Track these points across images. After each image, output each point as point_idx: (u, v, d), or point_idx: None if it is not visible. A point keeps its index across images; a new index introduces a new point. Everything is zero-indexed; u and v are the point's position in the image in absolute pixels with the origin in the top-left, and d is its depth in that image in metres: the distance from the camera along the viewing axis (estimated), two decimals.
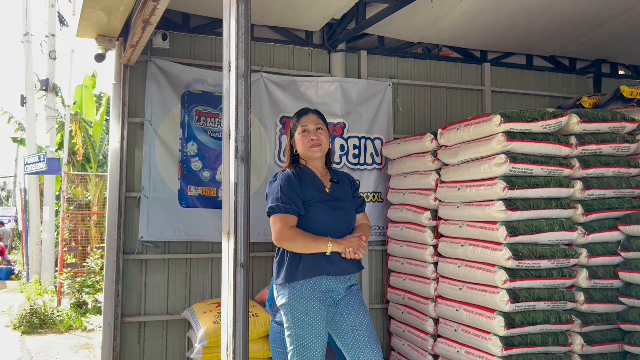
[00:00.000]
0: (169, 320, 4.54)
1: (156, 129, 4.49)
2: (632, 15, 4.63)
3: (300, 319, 2.71)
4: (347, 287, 2.85)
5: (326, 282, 2.77)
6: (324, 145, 2.92)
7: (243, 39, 1.95)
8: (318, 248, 2.72)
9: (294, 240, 2.73)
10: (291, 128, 3.00)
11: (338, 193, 2.92)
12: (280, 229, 2.73)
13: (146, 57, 4.48)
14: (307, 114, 2.98)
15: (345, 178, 3.06)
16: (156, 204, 4.44)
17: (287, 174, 2.85)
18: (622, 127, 3.81)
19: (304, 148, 2.91)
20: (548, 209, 3.58)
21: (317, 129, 2.92)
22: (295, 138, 2.96)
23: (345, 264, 2.81)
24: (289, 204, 2.75)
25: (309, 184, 2.86)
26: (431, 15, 4.65)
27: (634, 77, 6.20)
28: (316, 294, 2.73)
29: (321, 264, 2.74)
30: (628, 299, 3.59)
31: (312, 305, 2.71)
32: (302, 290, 2.73)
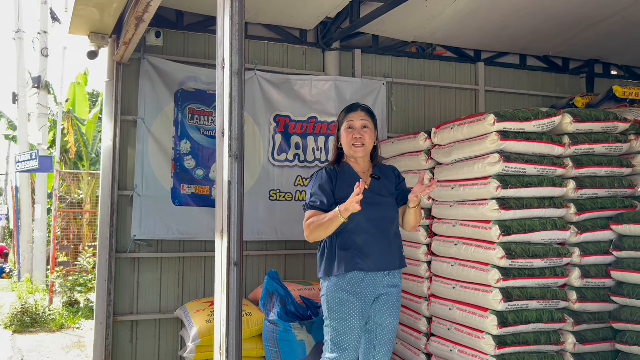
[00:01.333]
0: (162, 319, 4.53)
1: (149, 127, 4.47)
2: (624, 16, 4.65)
3: (335, 311, 2.71)
4: (389, 285, 2.82)
5: (363, 277, 2.75)
6: (367, 146, 2.85)
7: (237, 36, 1.94)
8: (334, 220, 2.63)
9: (312, 229, 2.71)
10: (338, 121, 2.96)
11: (378, 189, 2.86)
12: (304, 224, 2.75)
13: (139, 55, 4.45)
14: (355, 110, 2.91)
15: (390, 172, 2.99)
16: (149, 202, 4.42)
17: (321, 173, 2.85)
18: (614, 126, 3.82)
19: (347, 144, 2.86)
20: (541, 208, 3.59)
21: (362, 127, 2.85)
22: (341, 133, 2.90)
23: (380, 259, 2.77)
24: (316, 200, 2.75)
25: (345, 181, 2.80)
26: (425, 14, 4.65)
27: (627, 77, 6.24)
28: (353, 287, 2.72)
29: (354, 259, 2.73)
30: (620, 297, 3.60)
31: (347, 298, 2.71)
32: (339, 283, 2.73)
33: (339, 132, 2.92)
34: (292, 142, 4.88)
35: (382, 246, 2.78)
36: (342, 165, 2.88)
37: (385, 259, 2.78)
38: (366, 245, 2.75)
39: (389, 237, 2.82)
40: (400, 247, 2.91)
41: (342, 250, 2.75)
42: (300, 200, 4.87)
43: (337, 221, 2.62)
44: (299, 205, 4.86)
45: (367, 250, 2.74)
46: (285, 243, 4.92)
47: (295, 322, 3.67)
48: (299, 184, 4.89)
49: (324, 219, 2.66)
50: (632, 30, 4.98)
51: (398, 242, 2.89)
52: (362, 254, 2.73)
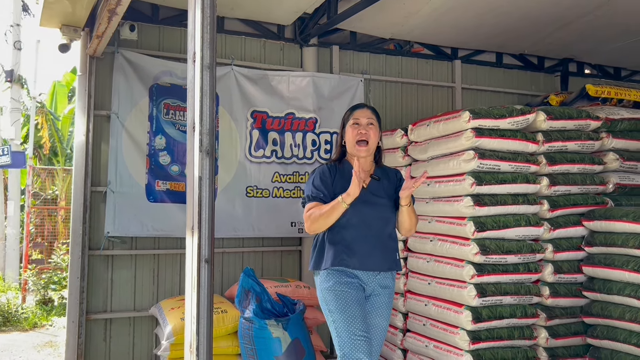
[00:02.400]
0: (136, 317, 4.46)
1: (123, 122, 4.40)
2: (597, 16, 4.72)
3: (332, 304, 2.66)
4: (381, 286, 2.76)
5: (349, 273, 2.71)
6: (371, 145, 2.80)
7: (208, 29, 1.91)
8: (336, 208, 2.61)
9: (314, 219, 2.67)
10: (344, 119, 2.90)
11: (375, 189, 2.81)
12: (305, 216, 2.72)
13: (113, 49, 4.37)
14: (362, 108, 2.88)
15: (393, 175, 2.93)
16: (123, 198, 4.35)
17: (322, 169, 2.82)
18: (587, 124, 3.88)
19: (351, 142, 2.81)
20: (515, 205, 3.63)
21: (368, 124, 2.81)
22: (346, 129, 2.85)
23: (367, 259, 2.72)
24: (318, 193, 2.73)
25: (344, 179, 2.75)
26: (403, 11, 4.65)
27: (600, 76, 6.33)
28: (343, 278, 2.68)
29: (341, 255, 2.70)
30: (591, 293, 3.66)
31: (340, 289, 2.67)
32: (329, 276, 2.70)
33: (344, 130, 2.87)
34: (270, 138, 4.85)
35: (371, 246, 2.73)
36: (343, 163, 2.85)
37: (373, 260, 2.72)
38: (354, 242, 2.71)
39: (381, 238, 2.77)
40: (395, 250, 2.83)
41: (331, 244, 2.73)
42: (278, 197, 4.85)
43: (340, 208, 2.59)
44: (276, 202, 4.84)
45: (354, 247, 2.70)
46: (262, 240, 4.90)
47: (271, 319, 3.65)
48: (277, 180, 4.86)
49: (325, 208, 2.64)
50: (604, 30, 5.06)
51: (392, 245, 2.81)
52: (349, 251, 2.70)
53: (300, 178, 4.93)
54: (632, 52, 5.72)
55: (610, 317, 3.50)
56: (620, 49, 5.61)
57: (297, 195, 4.90)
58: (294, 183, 4.91)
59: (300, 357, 3.66)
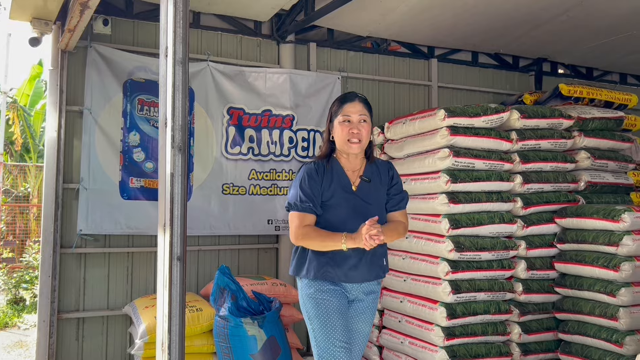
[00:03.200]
0: (110, 315, 4.40)
1: (96, 118, 4.32)
2: (571, 17, 4.79)
3: (312, 312, 2.53)
4: (366, 293, 2.62)
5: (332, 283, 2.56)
6: (364, 142, 2.58)
7: (181, 24, 1.89)
8: (334, 245, 2.45)
9: (307, 238, 2.50)
10: (332, 111, 2.64)
11: (366, 192, 2.61)
12: (296, 227, 2.52)
13: (86, 43, 4.29)
14: (352, 101, 2.60)
15: (385, 171, 2.71)
16: (96, 195, 4.28)
17: (310, 170, 2.58)
18: (559, 123, 3.94)
19: (341, 140, 2.58)
20: (489, 202, 3.67)
21: (361, 122, 2.58)
22: (335, 125, 2.61)
23: (354, 272, 2.55)
24: (306, 202, 2.51)
25: (333, 181, 2.58)
26: (380, 9, 4.66)
27: (572, 76, 6.45)
28: (325, 286, 2.54)
29: (324, 267, 2.52)
30: (563, 289, 3.73)
31: (321, 297, 2.52)
32: (311, 284, 2.56)
33: (332, 124, 2.64)
34: (246, 135, 4.82)
35: (357, 258, 2.54)
36: (332, 162, 2.63)
37: (360, 272, 2.55)
38: (341, 255, 2.51)
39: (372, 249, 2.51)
40: (383, 255, 2.66)
41: (315, 254, 2.54)
42: (255, 195, 4.82)
43: (339, 247, 2.44)
44: (253, 200, 4.81)
45: (340, 260, 2.52)
46: (238, 238, 4.86)
47: (247, 317, 3.63)
48: (253, 177, 4.83)
49: (325, 238, 2.46)
50: (577, 30, 5.14)
51: (381, 251, 2.63)
52: (334, 263, 2.52)
53: (277, 175, 4.91)
54: (604, 53, 5.84)
55: (581, 312, 3.57)
56: (592, 50, 5.72)
57: (274, 192, 4.88)
58: (270, 180, 4.89)
59: (276, 354, 3.65)
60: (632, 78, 6.88)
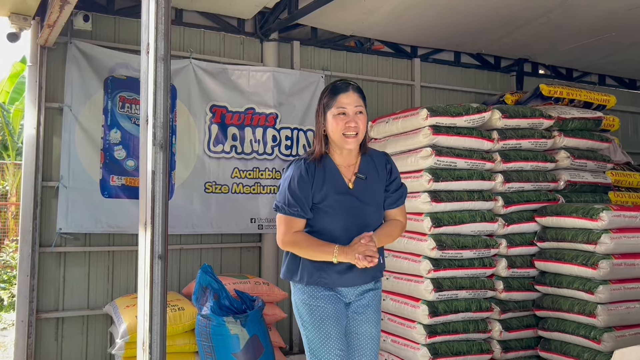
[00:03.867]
0: (90, 315, 4.34)
1: (76, 115, 4.26)
2: (551, 18, 4.85)
3: (306, 318, 2.41)
4: (363, 292, 2.49)
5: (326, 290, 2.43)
6: (360, 135, 2.40)
7: (163, 20, 1.87)
8: (324, 257, 2.33)
9: (296, 246, 2.38)
10: (324, 103, 2.43)
11: (362, 192, 2.44)
12: (283, 233, 2.38)
13: (66, 39, 4.22)
14: (346, 91, 2.39)
15: (382, 164, 2.52)
16: (76, 194, 4.22)
17: (299, 169, 2.40)
18: (540, 123, 3.99)
19: (337, 134, 2.38)
20: (471, 201, 3.70)
21: (357, 113, 2.39)
22: (328, 118, 2.40)
23: (349, 276, 2.41)
24: (295, 206, 2.36)
25: (325, 180, 2.41)
26: (363, 8, 4.67)
27: (553, 76, 6.53)
28: (319, 292, 2.40)
29: (318, 272, 2.39)
30: (543, 286, 3.78)
31: (315, 303, 2.38)
32: (304, 289, 2.42)
33: (324, 117, 2.43)
34: (229, 133, 4.79)
35: None
36: (323, 160, 2.44)
37: (356, 275, 2.41)
38: None
39: None
40: (380, 253, 2.46)
41: (306, 260, 2.40)
42: (238, 193, 4.79)
43: (329, 259, 2.32)
44: (236, 198, 4.79)
45: (334, 264, 2.36)
46: (221, 236, 4.84)
47: (229, 316, 3.61)
48: (236, 176, 4.81)
49: (315, 249, 2.34)
50: (557, 31, 5.21)
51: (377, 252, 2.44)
52: (329, 268, 2.38)
53: (260, 174, 4.89)
54: (583, 54, 5.92)
55: (560, 309, 3.62)
56: (572, 51, 5.80)
57: (257, 191, 4.87)
58: (254, 179, 4.87)
59: (259, 353, 3.64)
60: (611, 79, 6.99)
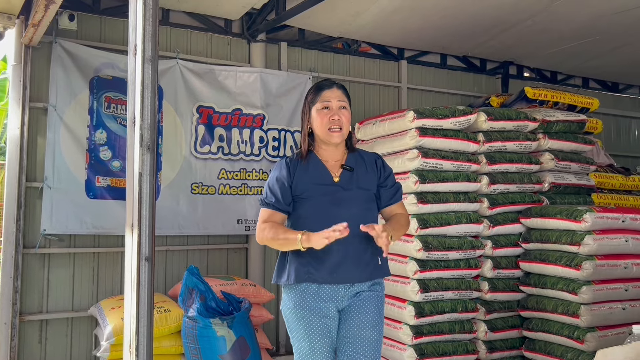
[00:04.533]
0: (75, 317, 4.30)
1: (61, 115, 4.22)
2: (536, 21, 4.91)
3: (293, 329, 2.34)
4: (354, 294, 2.36)
5: (318, 290, 2.32)
6: (345, 130, 2.41)
7: (151, 21, 1.86)
8: (289, 243, 2.27)
9: (263, 234, 2.33)
10: (309, 100, 2.47)
11: (347, 183, 2.39)
12: (258, 224, 2.39)
13: (51, 38, 4.18)
14: (330, 88, 2.45)
15: (371, 161, 2.49)
16: (61, 195, 4.18)
17: (280, 164, 2.44)
18: (525, 125, 4.04)
19: (321, 129, 2.39)
20: (457, 203, 3.73)
21: (340, 108, 2.42)
22: (313, 114, 2.43)
23: (341, 270, 2.30)
24: (271, 198, 2.37)
25: (308, 172, 2.39)
26: (350, 10, 4.69)
27: (538, 79, 6.60)
28: (307, 302, 2.31)
29: (306, 268, 2.30)
30: (527, 287, 3.82)
31: (302, 315, 2.30)
32: (292, 296, 2.34)
33: (309, 115, 2.45)
34: (216, 134, 4.78)
35: (345, 254, 2.29)
36: (307, 156, 2.44)
37: (348, 270, 2.31)
38: (323, 252, 2.23)
39: (355, 244, 2.30)
40: (375, 253, 2.35)
41: (295, 255, 2.33)
42: (224, 194, 4.78)
43: (295, 246, 2.24)
44: (222, 199, 4.78)
45: (324, 257, 2.27)
46: (208, 238, 4.82)
47: (215, 317, 3.60)
48: (223, 177, 4.80)
49: (281, 235, 2.28)
50: (542, 35, 5.27)
51: (371, 248, 2.33)
52: (317, 263, 2.29)
53: (247, 175, 4.89)
54: (568, 57, 6.00)
55: (545, 310, 3.66)
56: (556, 54, 5.87)
57: (244, 192, 4.86)
58: (240, 180, 4.86)
59: (245, 355, 3.63)
60: (594, 82, 7.09)
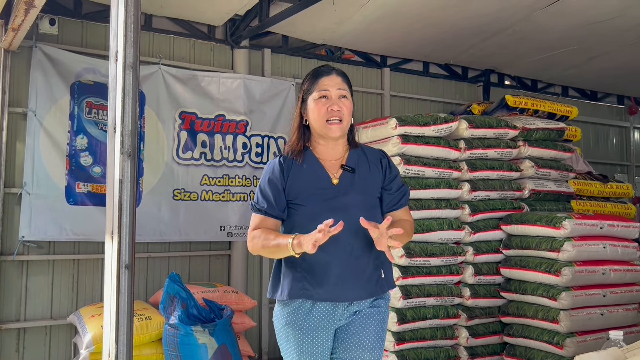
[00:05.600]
0: (53, 325, 4.23)
1: (41, 120, 4.17)
2: (516, 30, 4.99)
3: (283, 346, 2.10)
4: (353, 313, 2.08)
5: (312, 307, 2.04)
6: (345, 122, 2.09)
7: (132, 28, 1.85)
8: (280, 251, 1.99)
9: (254, 243, 2.08)
10: (304, 89, 2.14)
11: (348, 187, 2.09)
12: (249, 230, 2.13)
13: (31, 43, 4.14)
14: (329, 74, 2.11)
15: (376, 160, 2.18)
16: (40, 201, 4.12)
17: (272, 166, 2.13)
18: (505, 133, 4.09)
19: (319, 121, 2.08)
20: (438, 209, 3.76)
21: (340, 97, 2.09)
22: (308, 105, 2.11)
23: (340, 287, 2.01)
24: (262, 203, 2.09)
25: (303, 174, 2.10)
26: (334, 18, 4.71)
27: (518, 87, 6.70)
28: (300, 320, 2.04)
29: (301, 283, 2.02)
30: (508, 293, 3.86)
31: (293, 334, 2.04)
32: (284, 311, 2.08)
33: (305, 105, 2.14)
34: (199, 140, 4.76)
35: (344, 268, 2.01)
36: (304, 154, 2.14)
37: (347, 286, 2.02)
38: (321, 265, 2.00)
39: (356, 255, 2.02)
40: (379, 266, 2.09)
41: (289, 268, 2.06)
42: (207, 200, 4.76)
43: (287, 252, 1.96)
44: (205, 205, 4.75)
45: (320, 272, 2.00)
46: (190, 244, 4.79)
47: (197, 325, 3.58)
48: (206, 183, 4.77)
49: (272, 242, 2.00)
50: (522, 44, 5.36)
51: (375, 261, 2.06)
52: (313, 277, 2.01)
53: (230, 181, 4.87)
54: (547, 66, 6.10)
55: (525, 316, 3.70)
56: (536, 63, 5.96)
57: (226, 198, 4.84)
58: (223, 186, 4.84)
59: None
60: (573, 91, 7.22)
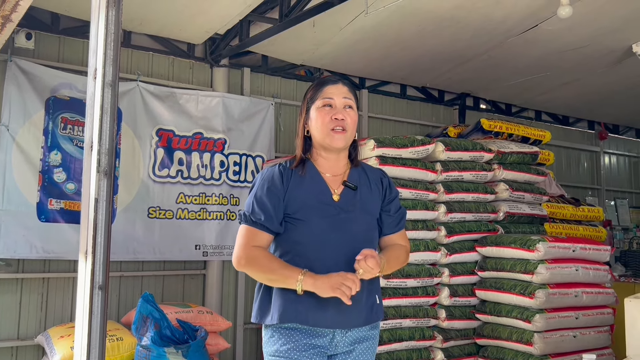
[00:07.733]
0: (20, 346, 4.10)
1: (14, 135, 4.09)
2: (492, 55, 5.11)
3: None
4: (353, 342, 1.97)
5: (306, 333, 1.92)
6: (349, 133, 1.99)
7: (112, 46, 1.83)
8: (285, 282, 1.86)
9: (252, 263, 1.91)
10: (308, 98, 2.05)
11: (350, 205, 1.99)
12: (241, 247, 1.93)
13: (6, 56, 4.07)
14: (335, 83, 2.03)
15: (377, 180, 2.12)
16: (10, 217, 4.02)
17: (271, 173, 1.99)
18: (481, 156, 4.15)
19: (322, 130, 1.97)
20: (415, 230, 3.78)
21: (345, 107, 2.00)
22: (311, 114, 2.02)
23: (335, 312, 1.89)
24: (259, 215, 1.93)
25: (303, 186, 1.98)
26: (313, 39, 4.76)
27: (493, 111, 6.84)
28: (291, 349, 1.91)
29: (294, 306, 1.89)
30: (483, 315, 3.88)
31: (288, 355, 1.90)
32: (274, 337, 1.94)
33: (308, 115, 2.04)
34: (176, 157, 4.72)
35: None
36: (305, 165, 2.03)
37: (345, 312, 1.89)
38: None
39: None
40: (375, 290, 2.02)
41: (282, 290, 1.91)
42: (182, 219, 4.70)
43: (291, 286, 1.84)
44: (180, 224, 4.69)
45: (315, 297, 1.85)
46: (164, 263, 4.71)
47: (170, 346, 3.50)
48: (182, 201, 4.72)
49: (278, 272, 1.87)
50: (497, 69, 5.49)
51: (369, 286, 1.97)
52: (308, 300, 1.87)
53: (206, 199, 4.83)
54: (521, 91, 6.25)
55: (500, 338, 3.72)
56: (511, 87, 6.10)
57: (202, 217, 4.79)
58: (199, 204, 4.79)
59: None
60: (546, 115, 7.40)
